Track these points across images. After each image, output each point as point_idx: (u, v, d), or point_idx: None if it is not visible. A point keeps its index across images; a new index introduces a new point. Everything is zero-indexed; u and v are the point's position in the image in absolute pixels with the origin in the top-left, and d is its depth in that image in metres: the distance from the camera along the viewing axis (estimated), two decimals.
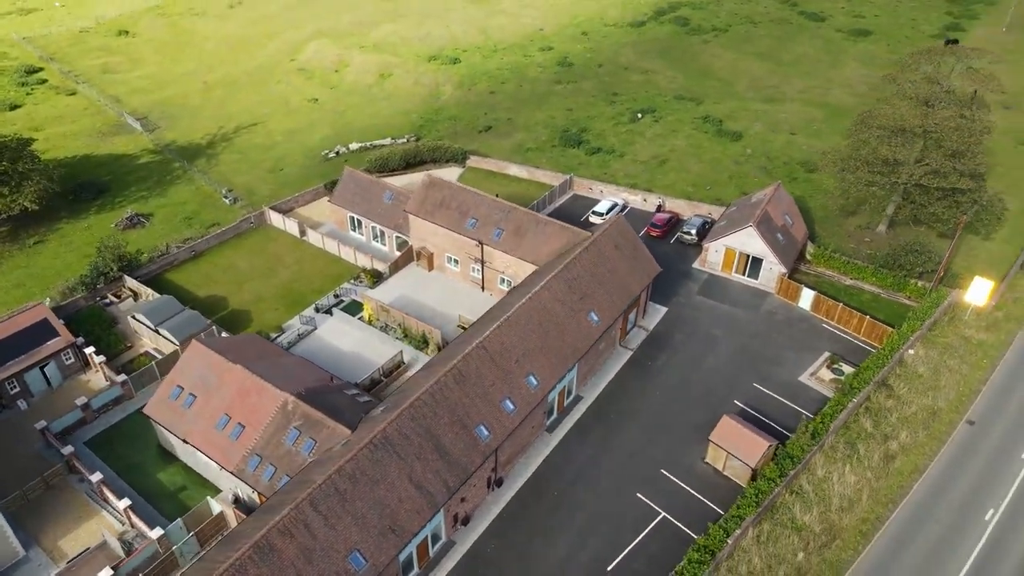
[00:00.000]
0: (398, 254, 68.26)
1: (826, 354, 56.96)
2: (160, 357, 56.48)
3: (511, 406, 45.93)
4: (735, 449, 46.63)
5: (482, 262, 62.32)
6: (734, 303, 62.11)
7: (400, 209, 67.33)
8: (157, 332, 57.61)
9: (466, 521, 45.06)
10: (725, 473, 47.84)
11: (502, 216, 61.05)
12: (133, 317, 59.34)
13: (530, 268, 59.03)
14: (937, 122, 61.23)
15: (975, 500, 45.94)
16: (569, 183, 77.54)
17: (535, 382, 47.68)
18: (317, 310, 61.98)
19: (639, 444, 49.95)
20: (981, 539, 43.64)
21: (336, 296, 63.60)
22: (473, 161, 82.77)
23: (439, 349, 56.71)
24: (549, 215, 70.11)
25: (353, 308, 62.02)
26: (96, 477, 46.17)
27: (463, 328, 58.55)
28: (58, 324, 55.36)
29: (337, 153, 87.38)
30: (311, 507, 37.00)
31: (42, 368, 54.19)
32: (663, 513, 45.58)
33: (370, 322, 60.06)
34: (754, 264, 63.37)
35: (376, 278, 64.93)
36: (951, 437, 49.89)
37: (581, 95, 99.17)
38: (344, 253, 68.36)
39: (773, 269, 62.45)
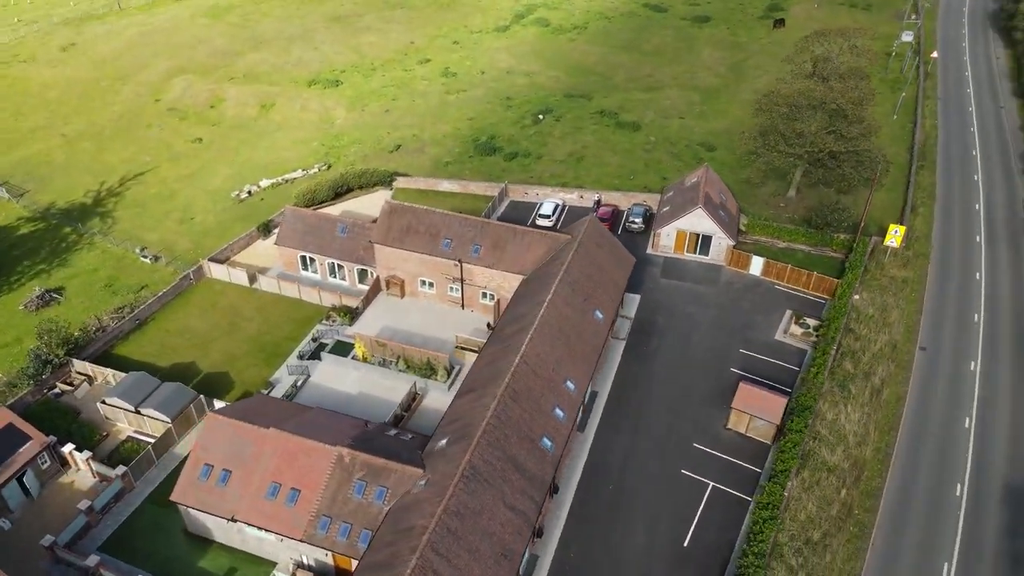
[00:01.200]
0: (361, 287, 66.82)
1: (788, 312, 63.35)
2: (153, 439, 51.81)
3: (561, 413, 47.34)
4: (759, 411, 51.09)
5: (461, 280, 62.67)
6: (695, 280, 67.08)
7: (358, 240, 65.82)
8: (139, 413, 52.69)
9: (540, 533, 45.99)
10: (748, 435, 52.25)
11: (476, 232, 61.73)
12: (103, 402, 53.71)
13: (516, 278, 60.29)
14: (840, 93, 69.71)
15: (952, 413, 53.70)
16: (505, 191, 79.22)
17: (572, 386, 49.38)
18: (301, 357, 59.39)
19: (665, 424, 53.16)
20: (969, 445, 51.25)
21: (315, 340, 61.24)
22: (401, 182, 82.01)
23: (448, 373, 56.68)
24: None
25: (340, 348, 60.03)
26: None
27: (464, 348, 58.73)
28: (26, 426, 49.09)
29: (249, 193, 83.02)
30: (433, 552, 36.49)
31: (19, 479, 47.90)
32: (711, 483, 49.13)
33: (365, 359, 58.54)
34: (704, 242, 68.72)
35: (349, 314, 63.16)
36: (913, 364, 57.75)
37: (475, 103, 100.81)
38: (305, 295, 65.74)
39: (722, 243, 68.11)
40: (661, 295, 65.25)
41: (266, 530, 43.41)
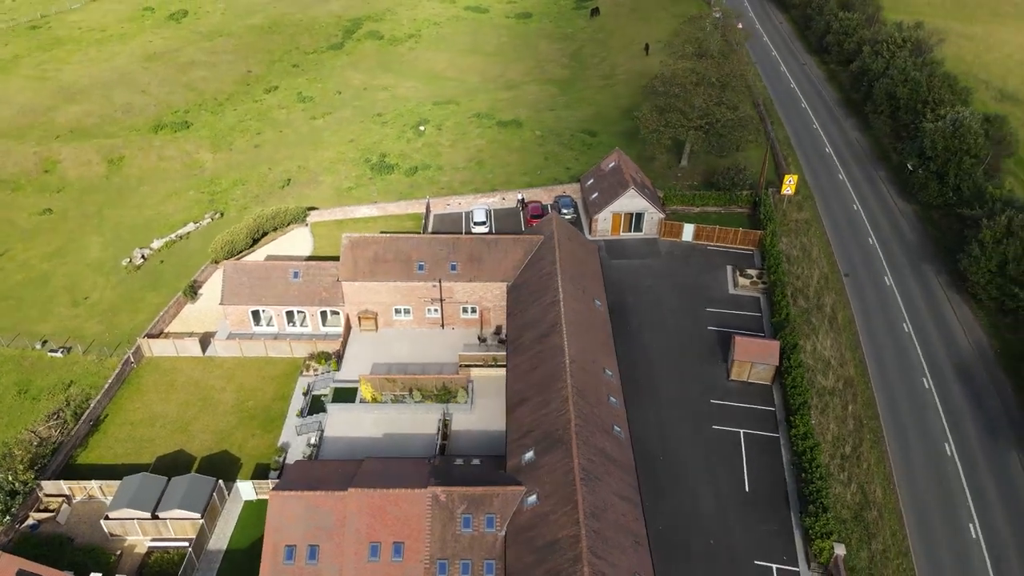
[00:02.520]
0: (329, 330, 63.70)
1: (729, 267, 70.29)
2: (183, 543, 46.31)
3: (614, 400, 49.57)
4: (759, 358, 56.83)
5: (441, 301, 62.08)
6: (640, 256, 71.88)
7: (317, 282, 62.54)
8: (156, 518, 46.74)
9: None
10: (751, 381, 57.96)
11: (449, 250, 61.44)
12: (107, 518, 46.82)
13: (499, 287, 61.05)
14: (723, 68, 77.70)
15: (891, 321, 63.39)
16: (428, 206, 78.71)
17: (610, 373, 51.74)
18: (302, 415, 55.69)
19: (676, 390, 57.20)
20: (917, 347, 60.96)
21: (306, 393, 57.62)
22: (315, 216, 78.28)
23: (466, 391, 56.37)
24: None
25: (341, 396, 56.96)
26: None
27: (470, 365, 58.47)
28: (41, 568, 41.72)
29: (143, 257, 74.73)
30: (594, 555, 37.32)
31: None
32: (740, 430, 54.12)
33: (374, 400, 56.26)
34: (637, 219, 73.74)
35: (334, 359, 60.10)
36: (846, 289, 66.99)
37: (347, 124, 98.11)
38: (273, 350, 61.34)
39: (654, 218, 73.56)
40: (617, 275, 69.21)
41: None
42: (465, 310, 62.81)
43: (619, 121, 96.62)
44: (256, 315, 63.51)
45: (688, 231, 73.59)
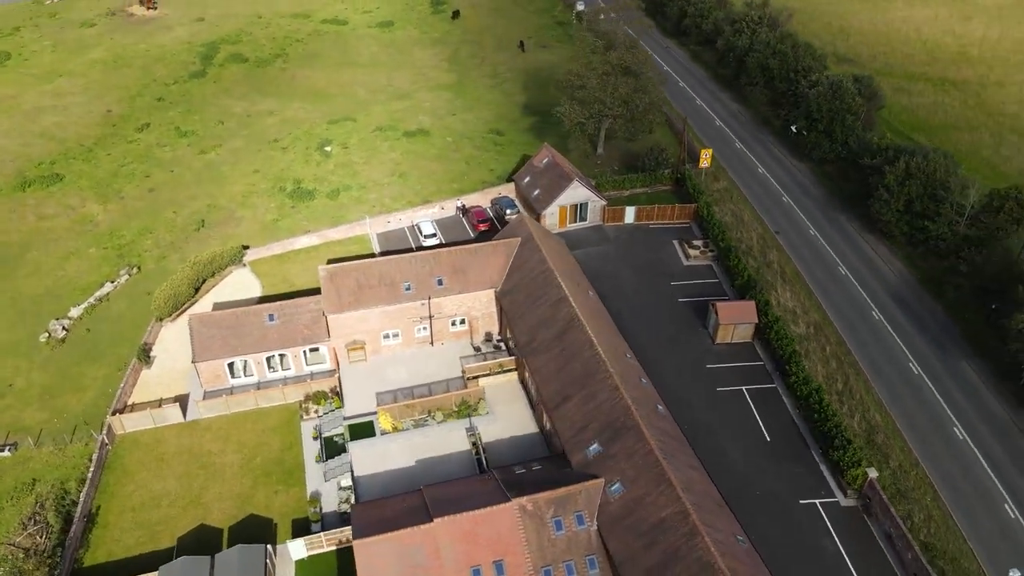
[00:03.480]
0: (314, 367, 60.66)
1: (675, 241, 74.91)
2: None
3: (644, 381, 51.83)
4: (741, 318, 61.47)
5: (430, 318, 61.09)
6: (593, 243, 74.58)
7: (296, 321, 59.30)
8: None
9: None
10: (734, 341, 62.54)
11: (432, 265, 60.60)
12: None
13: (487, 294, 61.20)
14: (640, 58, 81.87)
15: (827, 266, 70.64)
16: (369, 226, 76.50)
17: (630, 356, 53.90)
18: (322, 460, 52.87)
19: (673, 364, 60.35)
20: (856, 285, 68.45)
21: (316, 438, 54.72)
22: (252, 254, 73.54)
23: (478, 402, 56.17)
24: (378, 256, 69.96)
25: (358, 432, 54.61)
26: None
27: (477, 376, 58.16)
28: None
29: (65, 328, 66.60)
30: (706, 526, 39.27)
31: None
32: (743, 387, 58.40)
33: (396, 429, 54.55)
34: (581, 209, 76.35)
35: (335, 396, 57.43)
36: (782, 244, 73.58)
37: (243, 153, 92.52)
38: (264, 400, 57.49)
39: (596, 206, 76.53)
40: (580, 266, 71.48)
41: None
42: (454, 323, 62.31)
43: (522, 118, 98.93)
44: (232, 367, 59.15)
45: (630, 214, 77.36)
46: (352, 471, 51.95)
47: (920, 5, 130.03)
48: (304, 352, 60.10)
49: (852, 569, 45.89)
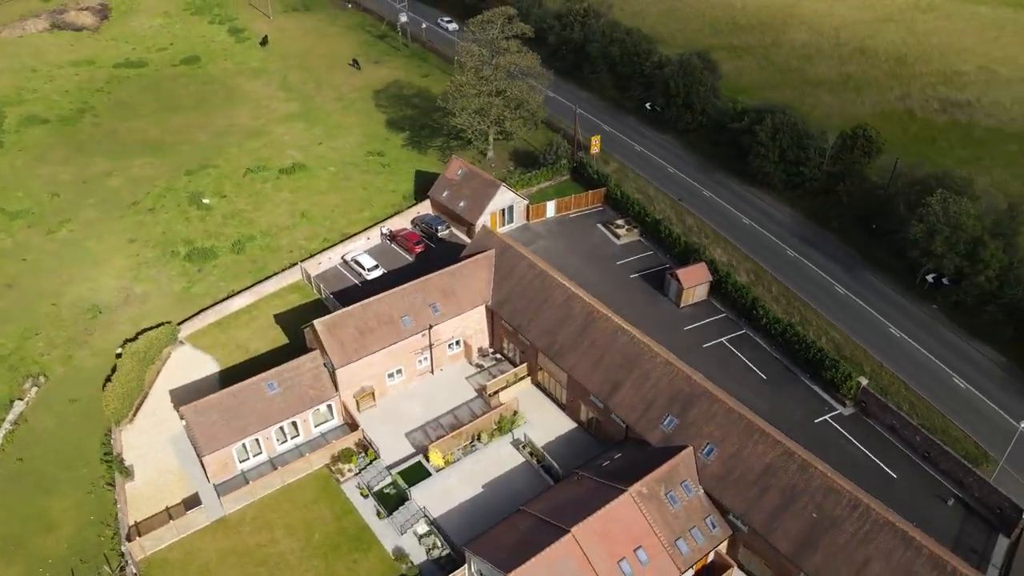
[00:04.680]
0: (319, 430, 57.04)
1: (598, 225, 79.92)
2: None
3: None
4: (699, 280, 68.00)
5: (431, 347, 59.98)
6: (529, 241, 77.01)
7: (299, 384, 55.26)
8: None
9: None
10: (694, 302, 69.01)
11: (423, 294, 59.51)
12: None
13: (479, 310, 61.51)
14: (530, 61, 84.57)
15: (737, 222, 79.84)
16: (303, 271, 72.09)
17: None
18: (387, 515, 50.42)
19: (654, 332, 62.95)
20: (764, 231, 78.28)
21: (367, 496, 51.94)
22: (188, 327, 66.10)
23: (514, 415, 56.90)
24: (332, 299, 67.50)
25: (411, 476, 52.67)
26: None
27: (497, 391, 58.44)
28: None
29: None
30: (814, 467, 44.48)
31: None
32: (722, 339, 65.00)
33: (448, 462, 53.41)
34: (509, 212, 78.46)
35: (359, 453, 54.64)
36: (692, 210, 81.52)
37: (103, 223, 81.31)
38: (289, 475, 53.12)
39: (520, 206, 79.09)
40: None
41: None
42: (451, 347, 61.82)
43: (393, 136, 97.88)
44: (245, 447, 53.79)
45: (551, 208, 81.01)
46: (427, 515, 50.36)
47: None
48: (314, 412, 56.29)
49: (880, 464, 54.22)
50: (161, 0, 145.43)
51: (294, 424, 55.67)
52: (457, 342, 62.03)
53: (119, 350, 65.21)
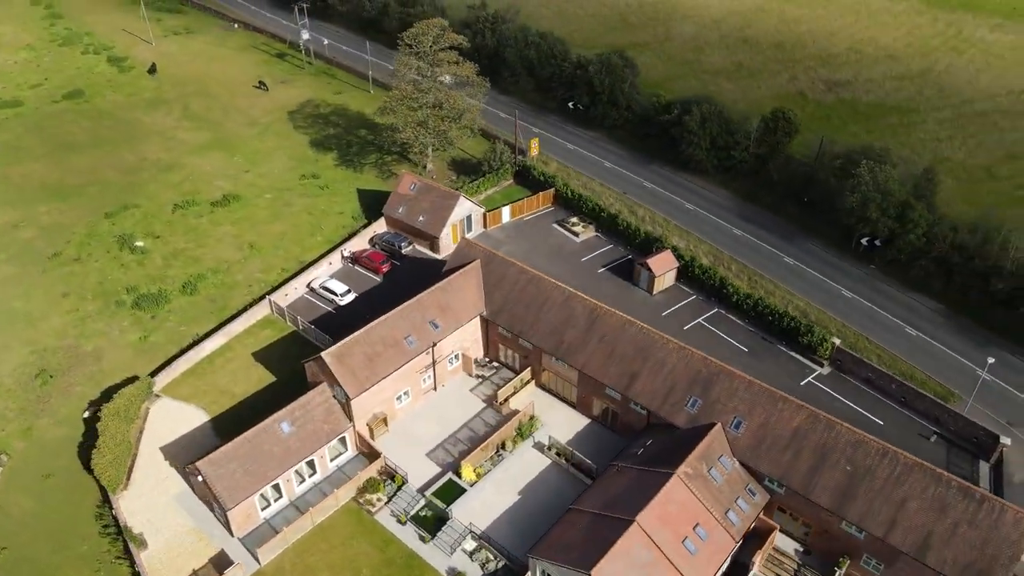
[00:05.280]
0: (335, 464, 55.31)
1: (554, 224, 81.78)
2: None
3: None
4: (668, 267, 71.34)
5: (433, 362, 59.45)
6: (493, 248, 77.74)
7: (312, 420, 53.28)
8: None
9: None
10: (665, 287, 72.29)
11: (421, 312, 58.89)
12: None
13: (474, 322, 61.60)
14: (468, 70, 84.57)
15: (680, 207, 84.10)
16: (272, 304, 69.04)
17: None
18: (431, 539, 49.71)
19: (639, 320, 68.06)
20: (707, 215, 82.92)
21: (405, 522, 51.00)
22: (160, 379, 61.68)
23: (531, 419, 57.58)
24: (314, 329, 65.61)
25: (446, 494, 52.09)
26: None
27: (508, 398, 58.83)
28: None
29: None
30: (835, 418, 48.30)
31: None
32: (699, 320, 68.58)
33: (479, 476, 53.30)
34: (467, 222, 78.66)
35: (386, 481, 53.53)
36: (640, 202, 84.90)
37: (25, 277, 74.35)
38: (320, 515, 51.21)
39: (478, 214, 79.56)
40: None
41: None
42: (451, 361, 61.53)
43: (321, 156, 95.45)
44: (264, 497, 51.20)
45: (506, 213, 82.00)
46: (473, 531, 50.15)
47: None
48: (332, 447, 54.45)
49: (866, 413, 59.32)
50: (21, 32, 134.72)
51: (310, 462, 53.66)
52: (456, 356, 61.88)
53: (86, 414, 60.44)
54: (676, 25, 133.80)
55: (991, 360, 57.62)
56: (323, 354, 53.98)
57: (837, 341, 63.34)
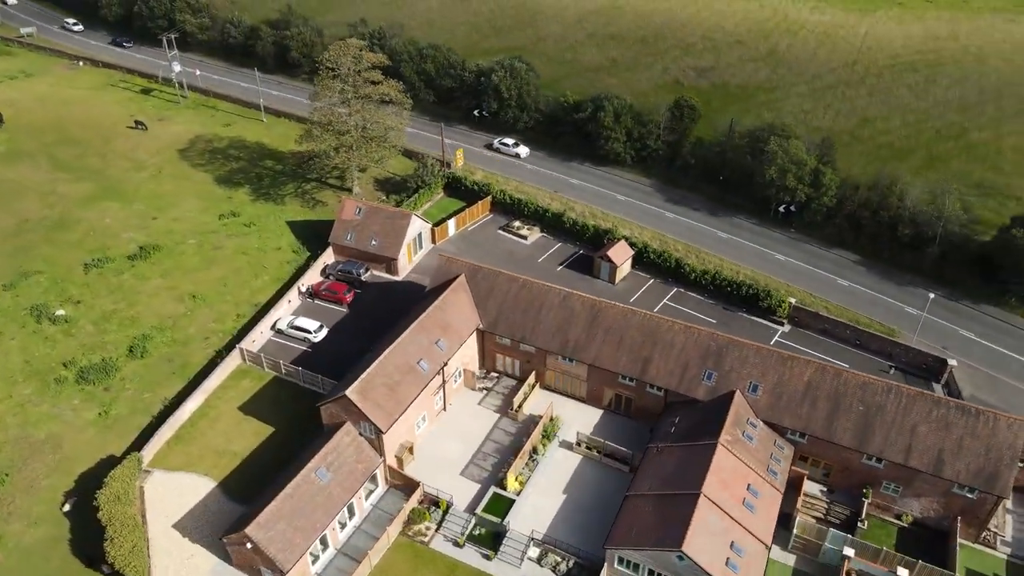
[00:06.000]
0: (370, 503, 53.73)
1: (499, 231, 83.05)
2: None
3: None
4: (625, 256, 75.07)
5: (444, 383, 58.95)
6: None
7: (346, 462, 51.31)
8: None
9: None
10: (626, 277, 75.95)
11: (426, 334, 58.24)
12: None
13: (473, 336, 61.71)
14: (390, 87, 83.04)
15: (614, 200, 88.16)
16: (244, 353, 64.86)
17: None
18: (495, 555, 49.71)
19: None
20: (642, 204, 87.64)
21: (463, 545, 50.57)
22: (147, 454, 56.14)
23: (552, 420, 58.86)
24: (301, 371, 63.10)
25: (495, 507, 52.17)
26: None
27: (521, 405, 59.58)
28: None
29: None
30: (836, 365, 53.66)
31: None
32: (664, 301, 72.84)
33: (521, 485, 53.77)
34: (419, 240, 78.03)
35: (430, 510, 52.75)
36: (575, 197, 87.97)
37: None
38: (376, 556, 49.47)
39: (426, 231, 79.14)
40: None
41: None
42: (455, 379, 61.26)
43: (234, 192, 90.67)
44: (314, 556, 48.67)
45: (451, 226, 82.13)
46: (534, 538, 50.71)
47: None
48: (368, 486, 52.67)
49: (832, 359, 65.86)
50: None
51: (351, 505, 51.71)
52: (460, 372, 61.77)
53: (66, 507, 54.25)
54: (544, 27, 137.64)
55: (932, 296, 66.23)
56: (347, 392, 52.06)
57: (793, 300, 69.96)
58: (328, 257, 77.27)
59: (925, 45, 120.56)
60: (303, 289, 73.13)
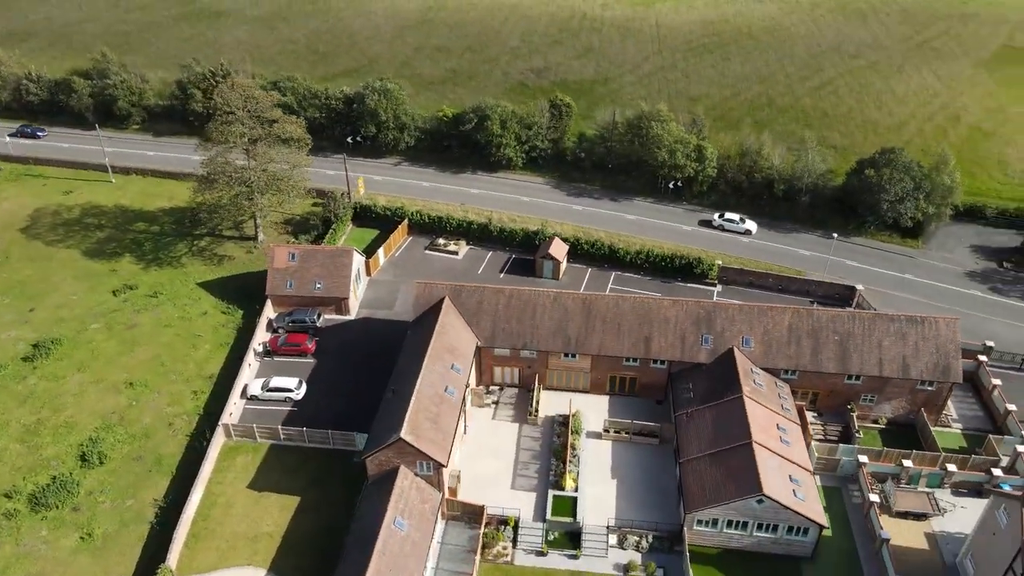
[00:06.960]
0: (436, 542, 52.63)
1: (426, 252, 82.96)
2: None
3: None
4: (563, 251, 78.91)
5: (463, 406, 58.73)
6: (391, 294, 76.33)
7: (416, 509, 49.78)
8: None
9: None
10: (568, 268, 79.68)
11: (441, 361, 57.58)
12: None
13: (473, 351, 61.97)
14: (291, 125, 78.15)
15: (549, 205, 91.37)
16: (229, 430, 59.15)
17: None
18: (580, 551, 51.35)
19: None
20: (590, 193, 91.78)
21: (547, 552, 51.52)
22: (172, 559, 49.49)
23: (572, 415, 61.19)
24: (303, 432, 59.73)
25: (562, 511, 53.48)
26: None
27: (537, 410, 61.08)
28: None
29: None
30: (805, 307, 61.63)
31: None
32: (612, 286, 77.78)
33: (575, 482, 55.62)
34: (358, 274, 75.58)
35: (500, 525, 52.96)
36: (477, 208, 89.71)
37: None
38: None
39: (361, 263, 76.87)
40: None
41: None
42: (466, 400, 61.30)
43: (116, 266, 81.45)
44: None
45: (381, 255, 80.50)
46: (609, 526, 52.97)
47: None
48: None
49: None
50: None
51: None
52: (469, 393, 61.87)
53: None
54: (367, 47, 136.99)
55: (836, 236, 77.60)
56: (402, 435, 50.41)
57: (720, 263, 78.36)
58: (269, 311, 72.38)
59: (706, 29, 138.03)
60: (259, 349, 68.03)
